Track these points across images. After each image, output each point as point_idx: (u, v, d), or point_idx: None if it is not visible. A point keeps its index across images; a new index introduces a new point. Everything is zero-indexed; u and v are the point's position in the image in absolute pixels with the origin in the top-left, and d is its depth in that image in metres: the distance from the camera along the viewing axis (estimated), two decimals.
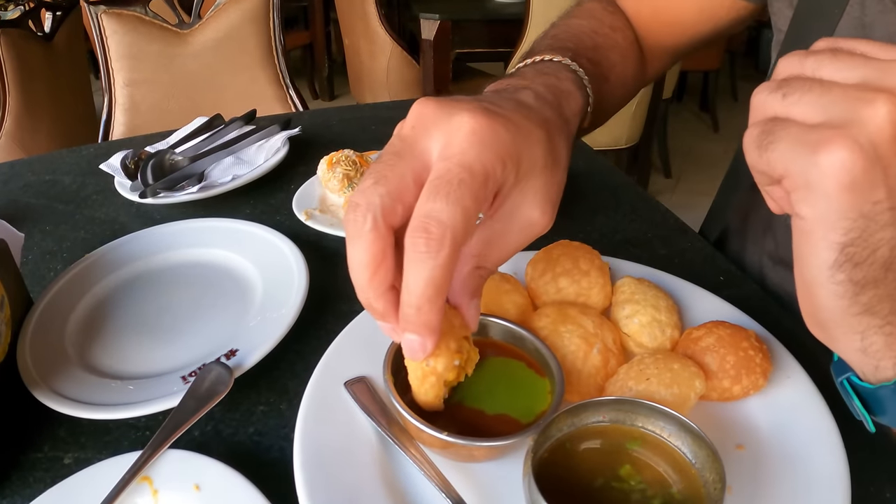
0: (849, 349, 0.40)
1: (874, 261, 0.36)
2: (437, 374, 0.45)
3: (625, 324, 0.60)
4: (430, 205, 0.38)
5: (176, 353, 0.65)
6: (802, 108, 0.35)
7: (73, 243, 0.90)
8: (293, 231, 0.82)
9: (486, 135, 0.39)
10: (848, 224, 0.35)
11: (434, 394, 0.46)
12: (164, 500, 0.51)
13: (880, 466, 0.54)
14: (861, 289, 0.36)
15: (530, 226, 0.45)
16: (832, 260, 0.36)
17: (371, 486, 0.48)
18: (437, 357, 0.45)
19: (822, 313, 0.39)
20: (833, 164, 0.33)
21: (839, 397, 0.51)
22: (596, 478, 0.48)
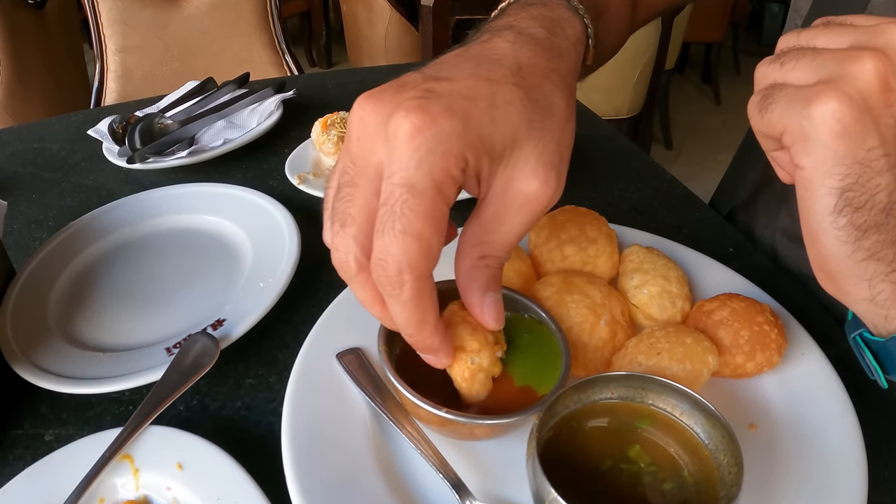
0: (858, 299, 0.40)
1: (873, 205, 0.37)
2: (484, 369, 0.42)
3: (633, 294, 0.55)
4: (378, 242, 0.35)
5: (161, 323, 0.61)
6: (797, 73, 0.38)
7: (59, 211, 0.85)
8: (286, 196, 0.77)
9: (427, 137, 0.34)
10: (844, 170, 0.36)
11: (485, 391, 0.43)
12: (145, 479, 0.47)
13: (894, 450, 0.51)
14: (863, 233, 0.37)
15: (531, 201, 0.38)
16: (832, 205, 0.37)
17: (363, 466, 0.44)
18: (480, 353, 0.42)
19: (829, 262, 0.39)
20: (824, 115, 0.35)
21: (855, 376, 0.48)
22: (604, 459, 0.44)
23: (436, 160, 0.34)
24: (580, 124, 1.02)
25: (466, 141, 0.35)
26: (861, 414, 0.49)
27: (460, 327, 0.43)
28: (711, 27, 3.09)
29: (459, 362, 0.42)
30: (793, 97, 0.37)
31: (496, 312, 0.42)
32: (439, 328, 0.39)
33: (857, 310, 0.41)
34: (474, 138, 0.36)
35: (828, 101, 0.35)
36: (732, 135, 0.83)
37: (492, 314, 0.41)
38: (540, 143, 0.38)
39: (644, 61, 2.03)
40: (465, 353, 0.42)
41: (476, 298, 0.41)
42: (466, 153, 0.35)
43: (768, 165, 0.81)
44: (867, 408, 0.51)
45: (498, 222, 0.39)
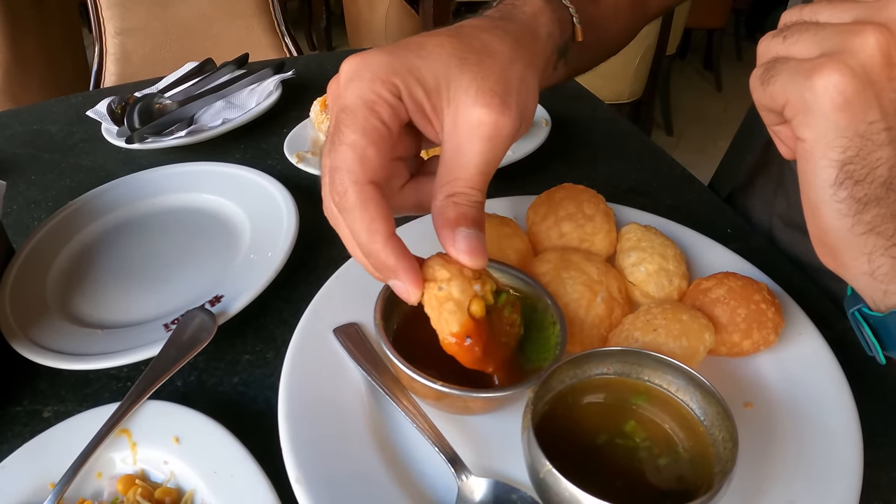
0: (857, 274, 0.39)
1: (874, 179, 0.36)
2: (453, 298, 0.39)
3: (630, 272, 0.55)
4: (326, 161, 0.39)
5: (159, 300, 0.61)
6: (800, 46, 0.38)
7: (58, 192, 0.85)
8: (285, 176, 0.76)
9: (359, 67, 0.39)
10: (845, 142, 0.36)
11: (456, 321, 0.39)
12: (142, 453, 0.47)
13: (891, 430, 0.50)
14: (864, 206, 0.37)
15: (480, 126, 0.39)
16: (833, 177, 0.37)
17: (360, 441, 0.44)
18: (450, 281, 0.39)
19: (829, 236, 0.39)
20: (826, 86, 0.35)
21: (852, 358, 0.47)
22: (599, 434, 0.43)
23: (364, 84, 0.39)
24: (581, 106, 1.01)
25: (393, 69, 0.39)
26: (857, 396, 0.49)
27: (433, 260, 0.40)
28: (713, 13, 3.05)
29: (428, 292, 0.39)
30: (795, 69, 0.37)
31: (467, 246, 0.39)
32: (393, 244, 0.38)
33: (856, 284, 0.41)
34: (401, 67, 0.39)
35: (830, 74, 0.35)
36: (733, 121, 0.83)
37: (463, 248, 0.39)
38: (478, 75, 0.40)
39: (645, 46, 2.01)
40: (434, 282, 0.39)
41: (447, 234, 0.39)
42: (394, 78, 0.39)
43: (766, 150, 0.81)
44: (863, 390, 0.50)
45: (456, 158, 0.40)
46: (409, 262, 0.39)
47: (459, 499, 0.41)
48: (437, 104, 0.40)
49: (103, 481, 0.46)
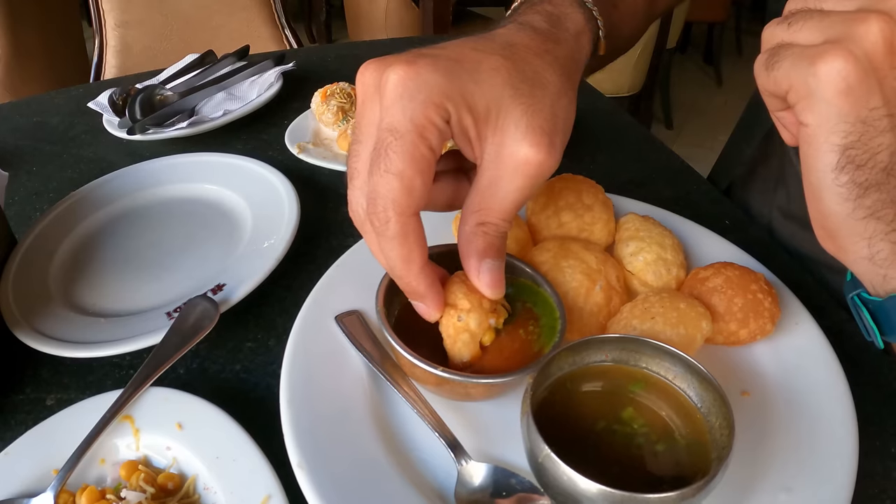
0: (857, 258, 0.40)
1: (875, 164, 0.37)
2: (469, 331, 0.42)
3: (629, 261, 0.55)
4: (369, 183, 0.38)
5: (161, 289, 0.61)
6: (805, 33, 0.38)
7: (59, 183, 0.85)
8: (286, 166, 0.76)
9: (410, 84, 0.37)
10: (847, 127, 0.36)
11: (468, 352, 0.42)
12: (145, 439, 0.47)
13: (887, 420, 0.51)
14: (864, 191, 0.37)
15: (522, 164, 0.39)
16: (835, 162, 0.37)
17: (361, 426, 0.45)
18: (470, 313, 0.41)
19: (830, 220, 0.39)
20: (830, 73, 0.36)
21: (848, 348, 0.47)
22: (597, 420, 0.44)
23: (416, 106, 0.36)
24: (581, 99, 1.01)
25: (447, 93, 0.37)
26: (854, 385, 0.49)
27: (457, 286, 0.43)
28: (714, 7, 3.03)
29: (447, 317, 0.42)
30: (799, 55, 0.37)
31: (491, 279, 0.41)
32: (426, 272, 0.40)
33: (856, 269, 0.41)
34: (455, 92, 0.37)
35: (833, 60, 0.35)
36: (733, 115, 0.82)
37: (487, 281, 0.41)
38: (529, 109, 0.39)
39: (645, 40, 2.00)
40: (455, 309, 0.42)
41: (473, 264, 0.41)
42: (447, 103, 0.37)
43: (766, 143, 0.81)
44: (860, 380, 0.51)
45: (493, 188, 0.40)
46: (437, 289, 0.41)
47: (459, 483, 0.41)
48: (482, 132, 0.39)
49: (106, 467, 0.47)
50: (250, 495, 0.41)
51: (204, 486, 0.44)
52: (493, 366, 0.44)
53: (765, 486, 0.43)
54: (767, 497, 0.43)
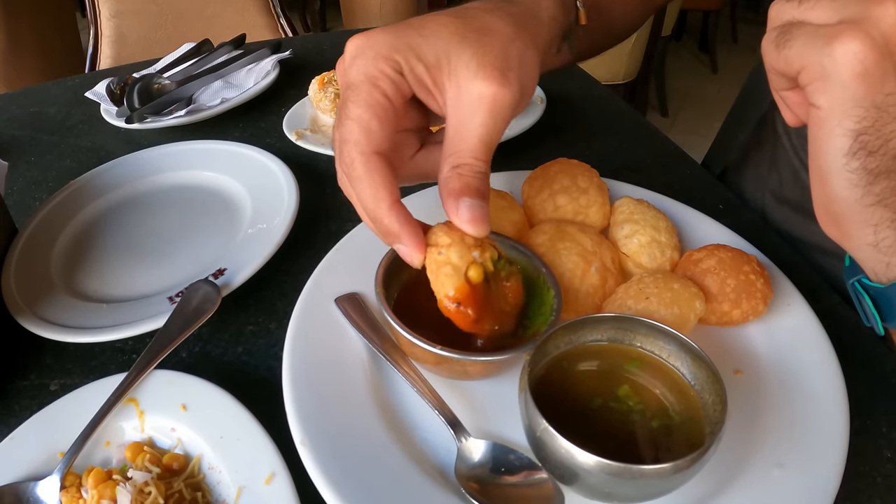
0: (861, 245, 0.39)
1: (887, 151, 0.36)
2: (451, 263, 0.40)
3: (624, 243, 0.55)
4: (335, 133, 0.41)
5: (163, 274, 0.61)
6: (817, 12, 0.37)
7: (58, 172, 0.85)
8: (284, 153, 0.76)
9: (363, 46, 0.41)
10: (861, 112, 0.35)
11: (451, 284, 0.40)
12: (150, 421, 0.48)
13: (878, 401, 0.52)
14: (875, 178, 0.36)
15: (480, 98, 0.40)
16: (847, 147, 0.36)
17: (361, 404, 0.45)
18: (450, 247, 0.41)
19: (836, 204, 0.38)
20: (846, 54, 0.34)
21: (841, 330, 0.48)
22: (594, 398, 0.44)
23: (367, 62, 0.40)
24: (576, 86, 1.01)
25: (395, 46, 0.41)
26: (846, 367, 0.50)
27: (438, 228, 0.42)
28: None
29: (429, 256, 0.41)
30: (814, 34, 0.36)
31: (470, 215, 0.40)
32: (398, 210, 0.40)
33: (858, 255, 0.41)
34: (403, 45, 0.41)
35: (851, 41, 0.34)
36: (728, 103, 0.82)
37: (466, 217, 0.40)
38: (478, 51, 0.41)
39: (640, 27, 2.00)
40: (435, 247, 0.41)
41: (451, 204, 0.41)
42: (395, 55, 0.41)
43: (760, 129, 0.82)
44: (852, 361, 0.51)
45: (460, 130, 0.41)
46: (413, 227, 0.41)
47: (459, 459, 0.42)
48: (437, 79, 0.41)
49: (112, 449, 0.47)
50: (254, 473, 0.42)
51: (209, 466, 0.44)
52: (486, 321, 0.42)
53: (758, 462, 0.44)
54: (760, 472, 0.44)
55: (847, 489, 0.45)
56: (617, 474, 0.37)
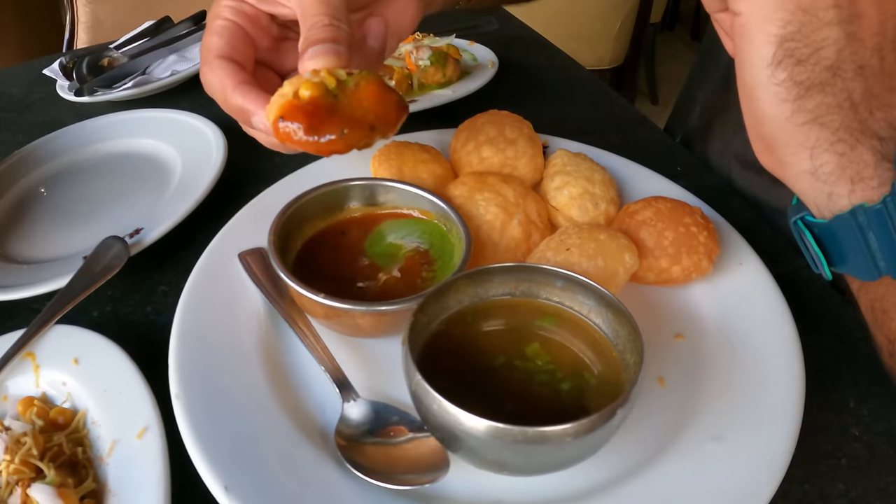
0: (798, 172, 0.34)
1: (818, 61, 0.32)
2: (280, 92, 0.37)
3: (553, 195, 0.51)
4: None
5: (83, 236, 0.59)
6: None
7: (11, 146, 0.82)
8: (228, 123, 0.73)
9: None
10: (786, 16, 0.32)
11: (276, 107, 0.36)
12: (44, 375, 0.45)
13: (845, 373, 0.47)
14: (806, 91, 0.32)
15: None
16: (770, 55, 0.32)
17: (249, 362, 0.42)
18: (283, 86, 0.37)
19: (766, 126, 0.34)
20: None
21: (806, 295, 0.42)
22: (497, 356, 0.40)
23: (215, 6, 0.45)
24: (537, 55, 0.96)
25: None
26: (810, 335, 0.45)
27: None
28: None
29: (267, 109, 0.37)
30: None
31: (313, 52, 0.38)
32: (241, 89, 0.41)
33: (797, 187, 0.36)
34: None
35: None
36: None
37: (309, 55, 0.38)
38: None
39: (626, 11, 1.94)
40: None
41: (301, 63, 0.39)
42: None
43: (722, 89, 0.77)
44: (817, 328, 0.47)
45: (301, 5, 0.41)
46: (259, 94, 0.40)
47: (341, 419, 0.39)
48: None
49: (7, 404, 0.45)
50: (129, 428, 0.39)
51: (92, 421, 0.42)
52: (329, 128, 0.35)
53: (692, 435, 0.40)
54: (694, 446, 0.39)
55: (806, 471, 0.41)
56: (500, 437, 0.32)
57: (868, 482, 0.41)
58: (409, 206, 0.48)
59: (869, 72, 0.32)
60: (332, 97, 0.36)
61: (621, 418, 0.34)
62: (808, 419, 0.41)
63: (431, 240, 0.47)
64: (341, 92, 0.36)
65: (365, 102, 0.36)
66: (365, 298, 0.42)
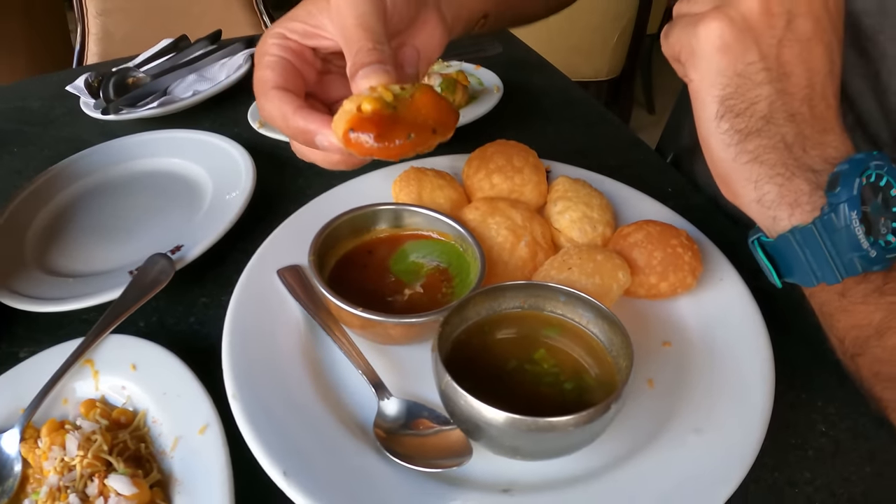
0: (748, 202, 0.43)
1: (753, 113, 0.41)
2: (343, 109, 0.43)
3: (556, 219, 0.59)
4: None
5: (125, 251, 0.66)
6: (697, 5, 0.44)
7: (39, 162, 0.89)
8: (250, 143, 0.80)
9: (262, 35, 0.52)
10: (725, 80, 0.41)
11: (342, 122, 0.42)
12: (104, 380, 0.52)
13: (816, 377, 0.54)
14: (745, 137, 0.41)
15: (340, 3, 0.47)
16: (715, 111, 0.42)
17: (293, 366, 0.49)
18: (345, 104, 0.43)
19: (719, 166, 0.43)
20: (708, 33, 0.41)
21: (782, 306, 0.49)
22: (509, 360, 0.48)
23: (261, 43, 0.51)
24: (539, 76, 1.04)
25: (276, 25, 0.51)
26: (785, 343, 0.52)
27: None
28: None
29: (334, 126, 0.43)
30: (687, 22, 0.43)
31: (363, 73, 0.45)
32: (302, 112, 0.47)
33: (750, 213, 0.45)
34: (282, 21, 0.51)
35: (711, 21, 0.41)
36: None
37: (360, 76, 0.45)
38: None
39: (623, 24, 2.03)
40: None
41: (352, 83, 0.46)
42: (276, 29, 0.51)
43: None
44: (792, 337, 0.54)
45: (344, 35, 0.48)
46: (320, 116, 0.46)
47: (378, 415, 0.46)
48: (314, 22, 0.50)
49: (69, 406, 0.51)
50: (190, 425, 0.46)
51: (152, 420, 0.48)
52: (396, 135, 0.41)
53: (676, 427, 0.47)
54: (677, 437, 0.46)
55: (776, 460, 0.48)
56: (515, 426, 0.39)
57: (832, 472, 0.48)
58: (429, 229, 0.56)
59: (800, 118, 0.41)
60: (391, 108, 0.42)
61: (615, 411, 0.41)
62: (780, 416, 0.48)
63: (450, 259, 0.54)
64: (399, 103, 0.42)
65: (423, 110, 0.42)
66: (392, 311, 0.49)
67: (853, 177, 0.39)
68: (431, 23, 0.53)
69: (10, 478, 0.47)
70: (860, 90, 0.65)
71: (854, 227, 0.40)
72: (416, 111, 0.42)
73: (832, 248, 0.41)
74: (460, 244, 0.55)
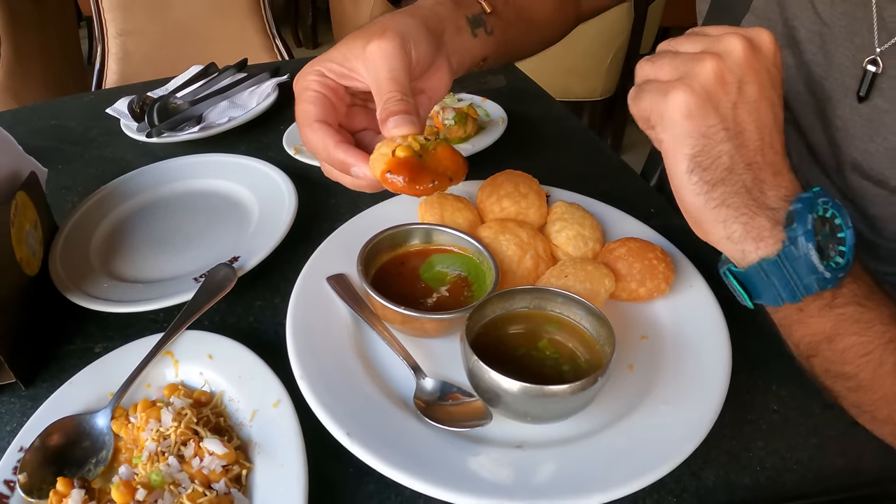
0: (719, 239, 0.52)
1: (718, 166, 0.50)
2: (380, 151, 0.57)
3: (555, 237, 0.74)
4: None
5: (186, 260, 0.80)
6: (663, 70, 0.52)
7: (85, 179, 1.02)
8: (283, 165, 0.95)
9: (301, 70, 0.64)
10: (693, 141, 0.50)
11: (378, 165, 0.56)
12: (183, 368, 0.65)
13: (772, 366, 0.67)
14: (712, 186, 0.50)
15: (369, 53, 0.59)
16: (686, 167, 0.51)
17: (346, 354, 0.64)
18: (380, 147, 0.57)
19: (692, 211, 0.53)
20: (677, 103, 0.50)
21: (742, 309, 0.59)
22: (518, 348, 0.62)
23: (301, 77, 0.63)
24: (538, 105, 1.21)
25: (315, 62, 0.63)
26: (745, 337, 0.65)
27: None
28: (688, 12, 3.19)
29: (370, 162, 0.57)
30: (656, 90, 0.51)
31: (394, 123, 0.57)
32: (343, 147, 0.58)
33: (721, 248, 0.53)
34: (321, 59, 0.63)
35: (678, 92, 0.50)
36: None
37: (391, 125, 0.57)
38: (365, 33, 0.61)
39: (617, 45, 2.20)
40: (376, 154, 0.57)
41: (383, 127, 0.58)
42: (315, 66, 0.62)
43: None
44: (750, 334, 0.66)
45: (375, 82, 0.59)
46: (358, 152, 0.58)
47: (417, 391, 0.60)
48: (348, 65, 0.61)
49: (152, 390, 0.64)
50: (265, 400, 0.60)
51: (229, 398, 0.62)
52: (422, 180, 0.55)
53: (650, 401, 0.61)
54: (652, 407, 0.60)
55: (734, 431, 0.61)
56: (526, 393, 0.54)
57: (782, 441, 0.61)
58: (452, 244, 0.71)
59: (756, 166, 0.51)
60: (418, 157, 0.57)
61: (602, 383, 0.55)
62: (739, 398, 0.61)
63: (469, 269, 0.69)
64: (425, 153, 0.58)
65: (443, 161, 0.57)
66: (424, 311, 0.64)
67: (806, 213, 0.48)
68: (441, 70, 0.65)
69: (104, 449, 0.60)
70: (811, 124, 0.80)
71: (810, 254, 0.48)
72: (437, 161, 0.58)
73: (794, 273, 0.49)
74: (477, 257, 0.70)
